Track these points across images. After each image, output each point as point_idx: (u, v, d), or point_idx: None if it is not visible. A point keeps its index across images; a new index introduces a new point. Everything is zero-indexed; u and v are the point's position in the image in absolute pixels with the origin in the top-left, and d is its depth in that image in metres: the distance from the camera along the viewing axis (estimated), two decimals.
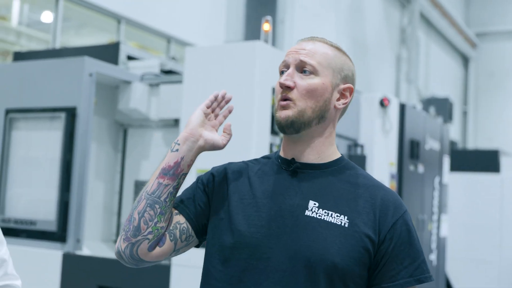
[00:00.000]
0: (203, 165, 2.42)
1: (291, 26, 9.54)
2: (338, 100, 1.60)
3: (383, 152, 5.11)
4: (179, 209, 1.60)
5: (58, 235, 3.94)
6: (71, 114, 3.98)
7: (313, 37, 1.62)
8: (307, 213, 1.51)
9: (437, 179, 6.22)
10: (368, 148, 5.01)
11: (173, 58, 4.92)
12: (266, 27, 3.81)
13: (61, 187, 3.96)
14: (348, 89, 1.61)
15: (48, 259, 3.95)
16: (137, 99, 4.33)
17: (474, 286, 7.97)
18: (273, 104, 3.58)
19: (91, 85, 4.03)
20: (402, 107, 5.46)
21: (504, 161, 8.43)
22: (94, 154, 4.40)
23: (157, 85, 4.36)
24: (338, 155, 1.62)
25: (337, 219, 1.49)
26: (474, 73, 18.60)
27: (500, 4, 17.89)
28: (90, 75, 4.03)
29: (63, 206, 3.94)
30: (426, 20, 15.25)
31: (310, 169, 1.57)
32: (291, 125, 1.54)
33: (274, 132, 3.61)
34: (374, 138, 5.03)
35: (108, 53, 4.53)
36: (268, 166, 1.63)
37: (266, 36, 3.76)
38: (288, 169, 1.58)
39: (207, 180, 1.64)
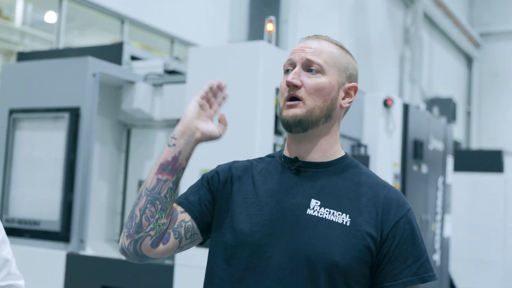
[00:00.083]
0: (207, 165, 2.42)
1: (294, 26, 9.53)
2: (343, 99, 1.60)
3: (386, 152, 5.10)
4: (185, 207, 1.60)
5: (62, 235, 3.94)
6: (74, 114, 3.99)
7: (318, 35, 1.62)
8: (309, 211, 1.51)
9: (440, 179, 6.21)
10: (372, 148, 5.00)
11: (176, 58, 4.92)
12: (270, 27, 3.80)
13: (65, 187, 3.96)
14: (353, 87, 1.62)
15: (51, 259, 3.95)
16: (140, 99, 4.33)
17: (478, 286, 7.95)
18: (277, 104, 3.58)
19: (94, 85, 4.04)
20: (406, 107, 5.46)
21: (507, 161, 8.40)
22: (98, 154, 4.40)
23: (161, 85, 4.36)
24: (342, 153, 1.62)
25: (339, 217, 1.49)
26: (477, 73, 18.57)
27: (504, 4, 17.84)
28: (94, 75, 4.04)
29: (67, 206, 3.94)
30: (429, 20, 15.22)
31: (313, 168, 1.57)
32: (298, 124, 1.53)
33: (277, 132, 3.61)
34: (377, 138, 5.03)
35: (112, 53, 4.53)
36: (272, 165, 1.62)
37: (270, 36, 3.76)
38: (292, 168, 1.57)
39: (212, 178, 1.63)
